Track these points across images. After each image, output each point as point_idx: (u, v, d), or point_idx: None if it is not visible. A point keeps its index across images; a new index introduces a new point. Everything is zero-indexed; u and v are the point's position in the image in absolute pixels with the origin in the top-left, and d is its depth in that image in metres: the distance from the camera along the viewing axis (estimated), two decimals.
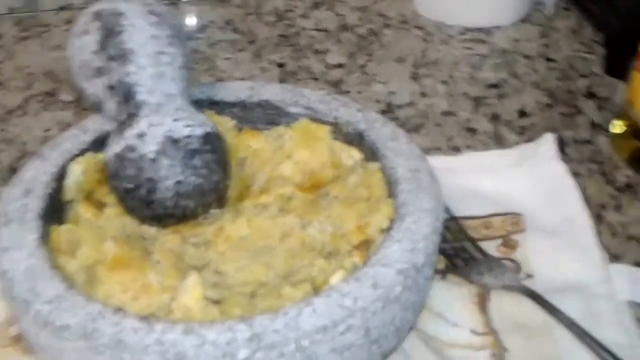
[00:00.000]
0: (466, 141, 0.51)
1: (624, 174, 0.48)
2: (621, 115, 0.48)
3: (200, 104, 0.39)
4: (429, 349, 0.35)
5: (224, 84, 0.43)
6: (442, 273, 0.40)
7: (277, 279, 0.33)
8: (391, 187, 0.36)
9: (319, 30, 0.66)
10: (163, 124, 0.35)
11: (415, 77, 0.59)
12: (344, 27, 0.66)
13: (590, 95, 0.56)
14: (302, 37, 0.65)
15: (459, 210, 0.44)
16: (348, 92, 0.57)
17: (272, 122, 0.41)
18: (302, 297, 0.31)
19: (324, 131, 0.40)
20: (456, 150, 0.50)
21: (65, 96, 0.56)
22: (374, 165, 0.38)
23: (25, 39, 0.65)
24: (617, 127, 0.49)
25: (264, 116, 0.41)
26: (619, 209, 0.45)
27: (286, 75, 0.59)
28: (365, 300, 0.29)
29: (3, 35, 0.65)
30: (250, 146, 0.40)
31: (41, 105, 0.56)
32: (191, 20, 0.67)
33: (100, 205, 0.37)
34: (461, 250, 0.42)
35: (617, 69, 0.47)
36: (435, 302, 0.38)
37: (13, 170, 0.42)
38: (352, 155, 0.39)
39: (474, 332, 0.37)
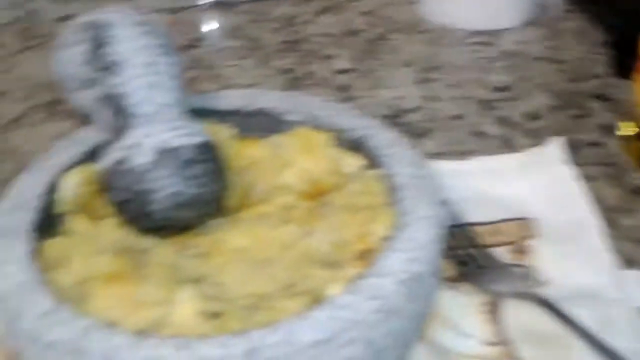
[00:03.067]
0: (475, 145, 0.50)
1: (634, 177, 0.46)
2: (630, 117, 0.47)
3: (198, 113, 0.39)
4: None
5: (222, 93, 0.43)
6: (452, 281, 0.39)
7: (278, 291, 0.32)
8: (392, 194, 0.35)
9: (325, 35, 0.65)
10: (157, 134, 0.34)
11: (422, 82, 0.58)
12: (351, 32, 0.65)
13: (600, 97, 0.54)
14: (309, 43, 0.64)
15: (468, 216, 0.43)
16: (355, 97, 0.56)
17: (271, 131, 0.40)
18: (299, 310, 0.30)
19: (324, 138, 0.39)
20: (465, 155, 0.49)
21: (66, 107, 0.55)
22: (374, 173, 0.37)
23: (26, 49, 0.65)
24: (626, 129, 0.48)
25: (262, 124, 0.40)
26: (630, 212, 0.44)
27: (292, 82, 0.58)
28: (364, 312, 0.29)
29: (5, 45, 0.65)
30: (250, 155, 0.39)
31: (42, 116, 0.55)
32: (195, 27, 0.67)
33: (96, 217, 0.36)
34: (471, 258, 0.41)
35: (626, 70, 0.45)
36: (444, 311, 0.37)
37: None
38: (352, 162, 0.38)
39: (485, 342, 0.36)
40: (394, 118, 0.54)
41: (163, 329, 0.30)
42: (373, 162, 0.37)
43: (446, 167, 0.47)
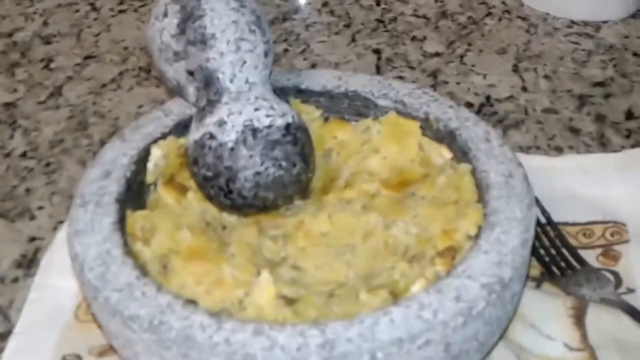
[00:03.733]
0: (568, 141, 0.48)
1: None
2: None
3: (286, 92, 0.38)
4: None
5: (310, 72, 0.42)
6: (537, 281, 0.38)
7: (357, 281, 0.32)
8: (481, 191, 0.34)
9: (417, 16, 0.63)
10: (243, 112, 0.34)
11: (516, 70, 0.56)
12: (444, 15, 0.63)
13: None
14: (400, 23, 0.62)
15: (557, 215, 0.41)
16: (445, 82, 0.55)
17: (359, 114, 0.39)
18: (379, 305, 0.29)
19: (414, 126, 0.38)
20: (557, 150, 0.48)
21: (158, 73, 0.56)
22: (464, 167, 0.36)
23: (121, 12, 0.65)
24: None
25: (351, 107, 0.40)
26: None
27: (382, 63, 0.57)
28: (446, 313, 0.28)
29: (100, 8, 0.66)
30: (337, 137, 0.39)
31: (135, 80, 0.56)
32: (287, 2, 0.66)
33: (182, 190, 0.36)
34: (558, 258, 0.39)
35: None
36: (528, 312, 0.36)
37: (104, 145, 0.42)
38: (441, 153, 0.37)
39: (568, 346, 0.35)
40: (484, 107, 0.52)
41: (241, 311, 0.30)
42: (462, 155, 0.36)
43: (536, 163, 0.46)
